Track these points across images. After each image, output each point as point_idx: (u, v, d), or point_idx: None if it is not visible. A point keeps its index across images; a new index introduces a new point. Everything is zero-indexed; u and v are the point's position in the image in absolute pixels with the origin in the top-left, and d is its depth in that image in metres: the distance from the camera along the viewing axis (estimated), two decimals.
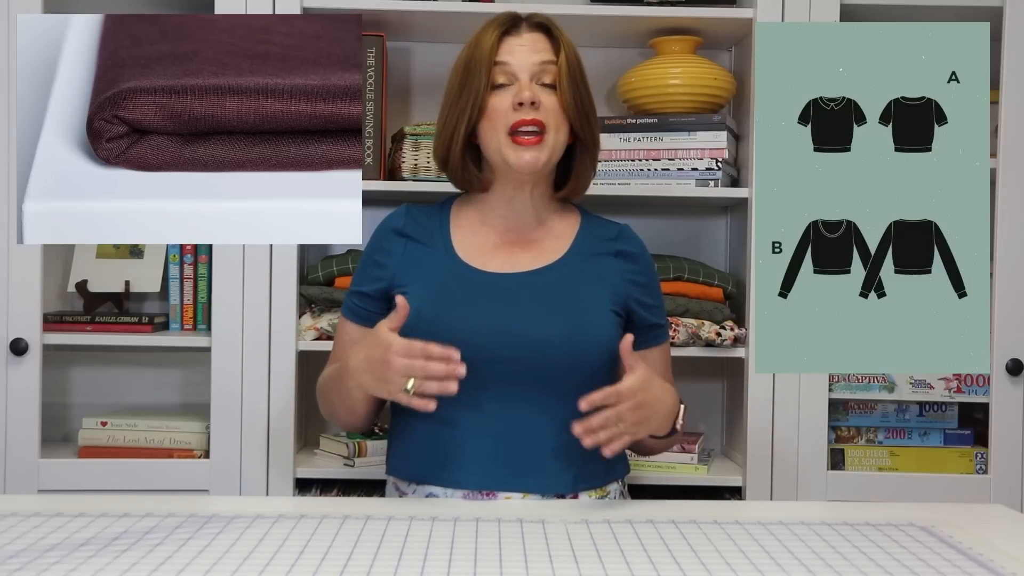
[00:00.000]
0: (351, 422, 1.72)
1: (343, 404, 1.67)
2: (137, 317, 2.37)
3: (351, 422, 1.72)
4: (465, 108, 1.65)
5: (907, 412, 2.40)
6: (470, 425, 1.62)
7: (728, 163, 2.37)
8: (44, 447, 2.30)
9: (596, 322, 1.65)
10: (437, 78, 1.77)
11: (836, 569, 1.22)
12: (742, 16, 2.32)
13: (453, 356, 1.48)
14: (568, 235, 1.74)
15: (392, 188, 2.30)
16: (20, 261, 2.25)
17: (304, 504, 1.60)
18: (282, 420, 2.29)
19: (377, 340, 1.51)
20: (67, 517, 1.39)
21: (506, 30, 1.68)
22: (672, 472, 2.34)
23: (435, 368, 1.47)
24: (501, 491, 1.61)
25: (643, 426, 1.55)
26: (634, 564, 1.22)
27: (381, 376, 1.51)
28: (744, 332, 2.33)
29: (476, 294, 1.65)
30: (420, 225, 1.73)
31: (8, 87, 2.22)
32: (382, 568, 1.19)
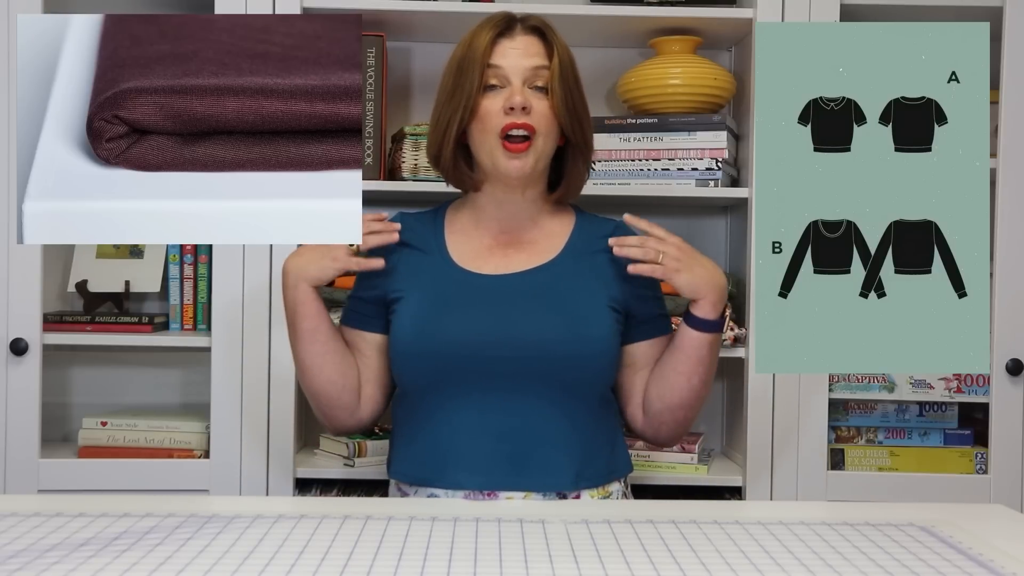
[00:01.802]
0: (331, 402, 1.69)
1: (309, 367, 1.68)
2: (137, 317, 2.37)
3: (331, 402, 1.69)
4: (457, 109, 1.65)
5: (907, 412, 2.40)
6: (470, 426, 1.62)
7: (728, 163, 2.37)
8: (44, 447, 2.30)
9: (593, 320, 1.65)
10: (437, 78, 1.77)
11: (836, 569, 1.22)
12: (742, 16, 2.32)
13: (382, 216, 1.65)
14: (563, 234, 1.74)
15: (392, 188, 2.30)
16: (20, 261, 2.25)
17: (304, 504, 1.60)
18: (282, 420, 2.29)
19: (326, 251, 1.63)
20: (67, 517, 1.39)
21: (500, 31, 1.68)
22: (672, 472, 2.34)
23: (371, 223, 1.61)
24: (503, 491, 1.61)
25: (684, 271, 1.58)
26: (634, 564, 1.22)
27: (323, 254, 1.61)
28: (744, 332, 2.33)
29: (472, 297, 1.65)
30: (416, 232, 1.73)
31: (8, 87, 2.22)
32: (382, 568, 1.19)
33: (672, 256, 1.54)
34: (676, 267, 1.55)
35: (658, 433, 1.74)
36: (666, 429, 1.72)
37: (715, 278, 1.63)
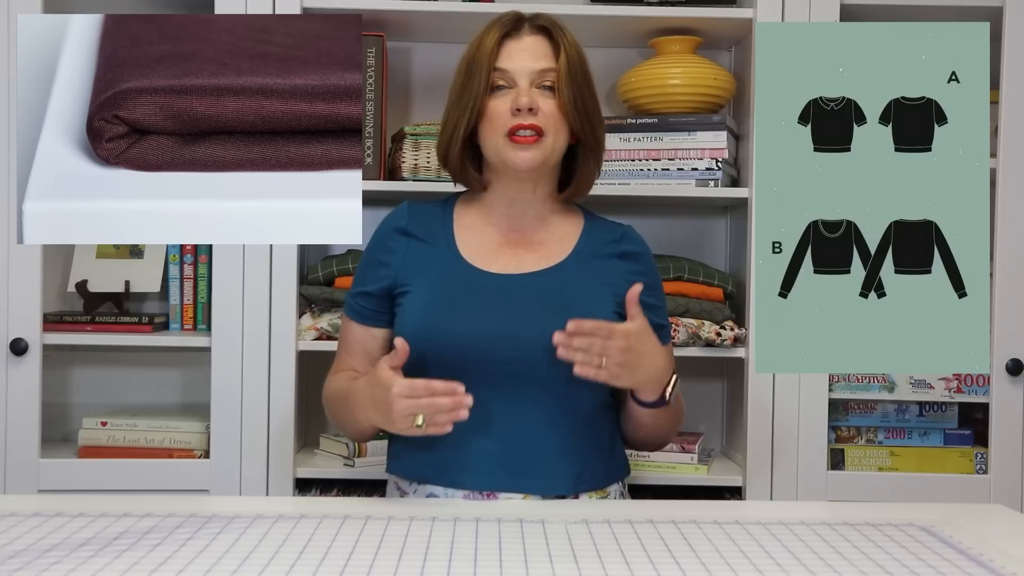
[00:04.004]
0: (359, 439, 1.76)
1: (353, 427, 1.69)
2: (137, 317, 2.37)
3: (359, 439, 1.76)
4: (465, 110, 1.66)
5: (907, 412, 2.40)
6: (472, 426, 1.62)
7: (728, 163, 2.37)
8: (44, 447, 2.30)
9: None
10: (437, 78, 1.78)
11: (836, 569, 1.22)
12: (742, 16, 2.32)
13: (457, 389, 1.48)
14: (571, 236, 1.74)
15: (392, 188, 2.30)
16: (20, 261, 2.25)
17: (304, 504, 1.59)
18: (282, 420, 2.29)
19: (379, 381, 1.53)
20: (67, 517, 1.39)
21: (507, 32, 1.68)
22: (672, 472, 2.34)
23: (441, 403, 1.48)
24: (502, 492, 1.61)
25: (625, 372, 1.55)
26: (634, 564, 1.22)
27: (387, 416, 1.52)
28: (744, 332, 2.33)
29: (480, 295, 1.65)
30: (423, 223, 1.73)
31: (8, 87, 2.22)
32: (382, 568, 1.19)
33: (614, 361, 1.53)
34: (617, 372, 1.55)
35: (644, 448, 1.84)
36: (648, 448, 1.83)
37: (656, 373, 1.60)
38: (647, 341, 1.57)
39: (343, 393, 1.68)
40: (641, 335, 1.56)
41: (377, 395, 1.53)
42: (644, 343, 1.56)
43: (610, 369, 1.53)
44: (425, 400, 1.48)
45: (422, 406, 1.48)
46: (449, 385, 1.48)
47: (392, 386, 1.49)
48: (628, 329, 1.54)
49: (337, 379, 1.74)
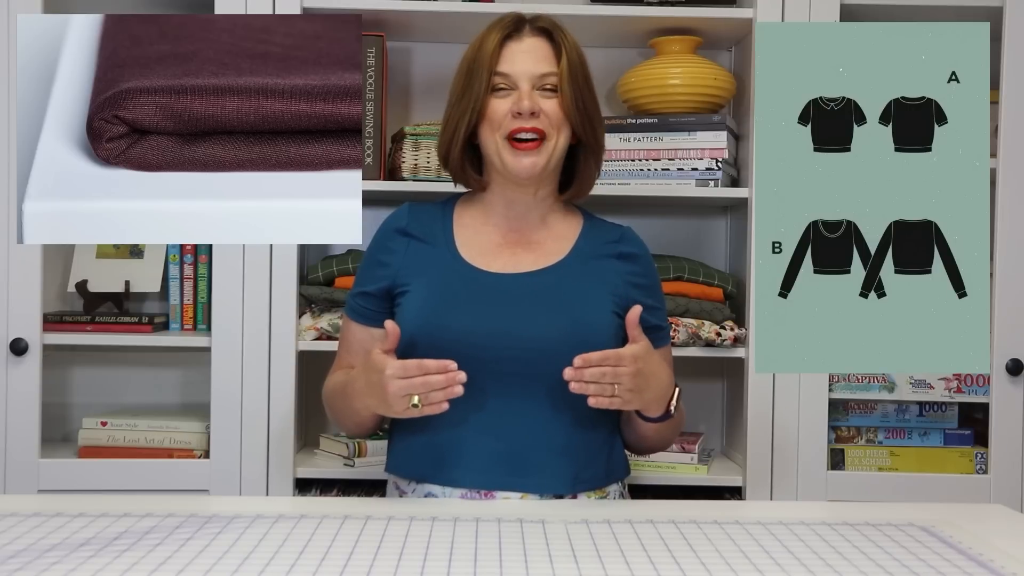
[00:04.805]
0: (360, 432, 1.75)
1: (352, 419, 1.69)
2: (137, 317, 2.37)
3: (360, 432, 1.75)
4: (466, 111, 1.66)
5: (907, 412, 2.40)
6: (470, 424, 1.62)
7: (728, 163, 2.37)
8: (44, 447, 2.30)
9: (597, 324, 1.65)
10: (437, 78, 1.78)
11: (836, 569, 1.22)
12: (742, 16, 2.32)
13: (450, 366, 1.50)
14: (570, 236, 1.74)
15: (392, 188, 2.30)
16: (20, 261, 2.25)
17: (304, 504, 1.60)
18: (282, 420, 2.29)
19: (373, 366, 1.54)
20: (67, 517, 1.39)
21: (508, 34, 1.68)
22: (672, 472, 2.34)
23: (435, 381, 1.50)
24: (500, 491, 1.61)
25: (636, 396, 1.56)
26: (634, 564, 1.22)
27: (383, 399, 1.53)
28: (744, 332, 2.33)
29: (478, 294, 1.65)
30: (423, 224, 1.73)
31: (8, 87, 2.22)
32: (382, 568, 1.19)
33: (626, 387, 1.54)
34: (630, 398, 1.55)
35: (644, 453, 1.86)
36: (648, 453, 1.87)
37: (661, 391, 1.61)
38: (651, 360, 1.58)
39: (340, 386, 1.69)
40: (645, 356, 1.56)
41: (372, 379, 1.54)
42: (649, 363, 1.57)
43: (623, 396, 1.54)
44: (419, 379, 1.49)
45: (416, 385, 1.49)
46: (441, 363, 1.50)
47: (385, 368, 1.51)
48: (635, 352, 1.54)
49: (335, 376, 1.75)
